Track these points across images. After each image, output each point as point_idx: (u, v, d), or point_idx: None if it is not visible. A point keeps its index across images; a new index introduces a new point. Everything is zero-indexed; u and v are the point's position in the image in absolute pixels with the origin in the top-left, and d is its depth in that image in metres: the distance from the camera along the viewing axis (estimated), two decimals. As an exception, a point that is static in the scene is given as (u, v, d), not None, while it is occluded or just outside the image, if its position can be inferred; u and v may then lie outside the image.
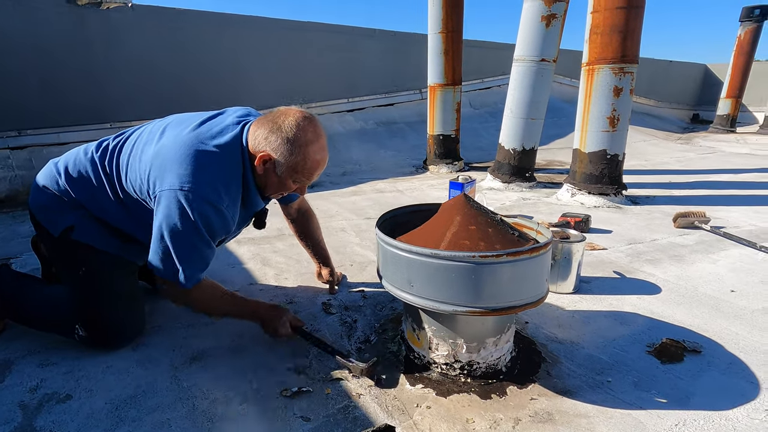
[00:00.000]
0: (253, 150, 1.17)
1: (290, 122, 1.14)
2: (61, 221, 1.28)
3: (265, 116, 1.20)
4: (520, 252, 0.99)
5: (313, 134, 1.15)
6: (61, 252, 1.31)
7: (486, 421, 1.03)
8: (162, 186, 1.11)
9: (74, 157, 1.31)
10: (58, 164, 1.32)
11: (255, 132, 1.17)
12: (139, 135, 1.28)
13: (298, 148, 1.14)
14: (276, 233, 2.42)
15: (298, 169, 1.17)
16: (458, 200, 1.18)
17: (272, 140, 1.14)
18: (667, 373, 1.20)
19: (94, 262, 1.29)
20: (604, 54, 2.81)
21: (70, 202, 1.28)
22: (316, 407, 1.07)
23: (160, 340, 1.37)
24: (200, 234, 1.13)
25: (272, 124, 1.15)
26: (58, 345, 1.32)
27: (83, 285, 1.28)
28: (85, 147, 1.34)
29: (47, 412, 1.06)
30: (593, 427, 1.00)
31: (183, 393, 1.13)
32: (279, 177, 1.19)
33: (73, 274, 1.29)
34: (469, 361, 1.15)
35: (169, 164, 1.12)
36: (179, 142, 1.15)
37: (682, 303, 1.60)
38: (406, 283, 1.07)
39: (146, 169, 1.16)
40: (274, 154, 1.15)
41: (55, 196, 1.29)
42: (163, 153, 1.15)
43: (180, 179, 1.10)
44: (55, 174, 1.30)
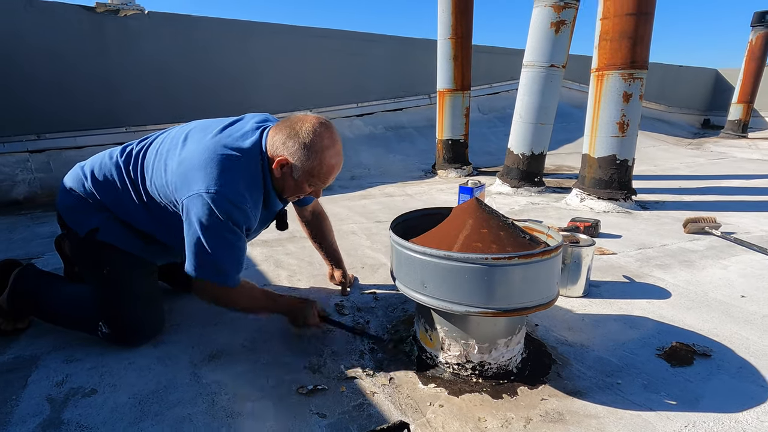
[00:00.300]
0: (272, 154, 1.22)
1: (307, 128, 1.18)
2: (87, 222, 1.33)
3: (282, 122, 1.24)
4: (532, 255, 1.02)
5: (329, 140, 1.20)
6: (86, 252, 1.36)
7: (497, 420, 1.05)
8: (190, 191, 1.16)
9: (100, 161, 1.36)
10: (84, 167, 1.38)
11: (273, 137, 1.22)
12: (162, 141, 1.33)
13: (314, 154, 1.18)
14: (288, 235, 2.46)
15: (314, 173, 1.21)
16: (470, 204, 1.21)
17: (290, 145, 1.19)
18: (677, 376, 1.21)
19: (118, 262, 1.34)
20: (614, 60, 2.83)
21: (95, 204, 1.34)
22: (332, 404, 1.10)
23: (179, 338, 1.41)
24: (232, 230, 1.18)
25: (290, 130, 1.20)
26: (82, 342, 1.37)
27: (107, 284, 1.33)
28: (110, 151, 1.39)
29: (74, 405, 1.11)
30: (603, 428, 1.02)
31: (203, 389, 1.17)
32: (296, 180, 1.23)
33: (97, 273, 1.34)
34: (480, 362, 1.18)
35: (194, 170, 1.17)
36: (202, 147, 1.19)
37: (692, 308, 1.61)
38: (420, 285, 1.10)
39: (172, 176, 1.21)
40: (291, 159, 1.19)
41: (81, 198, 1.34)
42: (188, 159, 1.20)
43: (205, 183, 1.14)
44: (81, 177, 1.35)
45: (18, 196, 3.53)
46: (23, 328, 1.45)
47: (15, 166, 3.63)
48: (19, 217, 3.04)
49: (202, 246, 1.17)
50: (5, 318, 1.41)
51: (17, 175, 3.60)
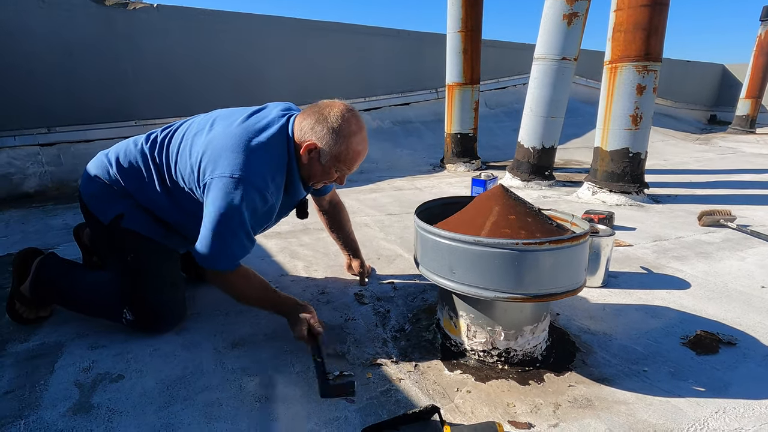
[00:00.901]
0: (299, 140, 1.22)
1: (336, 113, 1.19)
2: (111, 209, 1.33)
3: (310, 107, 1.25)
4: (563, 240, 1.02)
5: (356, 126, 1.21)
6: (110, 239, 1.36)
7: (526, 405, 1.05)
8: (213, 173, 1.16)
9: (124, 148, 1.37)
10: (108, 155, 1.38)
11: (301, 123, 1.23)
12: (187, 128, 1.33)
13: (342, 138, 1.19)
14: (302, 227, 2.47)
15: (341, 158, 1.22)
16: (497, 190, 1.20)
17: (318, 130, 1.19)
18: (703, 364, 1.21)
19: (142, 248, 1.34)
20: (628, 52, 2.81)
21: (119, 191, 1.34)
22: (359, 390, 1.11)
23: (202, 326, 1.42)
24: (243, 223, 1.18)
25: (318, 115, 1.20)
26: (106, 329, 1.37)
27: (131, 270, 1.33)
28: (134, 139, 1.40)
29: (102, 390, 1.11)
30: (634, 413, 1.02)
31: (229, 375, 1.17)
32: (323, 166, 1.24)
33: (121, 260, 1.34)
34: (506, 348, 1.18)
35: (221, 153, 1.17)
36: (230, 133, 1.20)
37: (712, 298, 1.61)
38: (448, 270, 1.09)
39: (197, 158, 1.21)
40: (319, 143, 1.20)
41: (105, 185, 1.35)
42: (215, 143, 1.20)
43: (231, 167, 1.14)
44: (106, 164, 1.36)
45: (29, 189, 3.54)
46: (46, 317, 1.46)
47: (26, 159, 3.64)
48: (31, 210, 3.05)
49: (208, 226, 1.18)
50: (28, 306, 1.42)
51: (28, 169, 3.61)
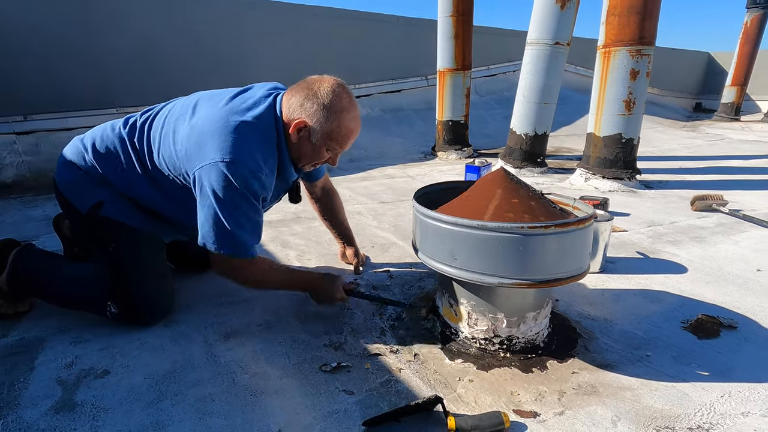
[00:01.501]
0: (288, 118, 1.16)
1: (326, 88, 1.13)
2: (89, 197, 1.26)
3: (298, 84, 1.19)
4: (568, 224, 0.98)
5: (348, 101, 1.15)
6: (90, 229, 1.29)
7: (530, 393, 1.02)
8: (203, 161, 1.10)
9: (101, 133, 1.29)
10: (84, 140, 1.30)
11: (289, 100, 1.16)
12: (169, 111, 1.26)
13: (333, 115, 1.13)
14: (292, 216, 2.41)
15: (333, 136, 1.16)
16: (498, 174, 1.16)
17: (308, 107, 1.13)
18: (705, 348, 1.20)
19: (124, 238, 1.27)
20: (622, 36, 2.78)
21: (97, 179, 1.26)
22: (358, 382, 1.07)
23: (191, 318, 1.36)
24: (249, 201, 1.13)
25: (307, 91, 1.14)
26: (89, 323, 1.31)
27: (114, 261, 1.27)
28: (111, 123, 1.32)
29: (86, 386, 1.05)
30: (639, 399, 1.00)
31: (221, 368, 1.12)
32: (313, 145, 1.18)
33: (103, 251, 1.28)
34: (508, 336, 1.15)
35: (207, 139, 1.10)
36: (214, 116, 1.13)
37: (710, 282, 1.60)
38: (449, 256, 1.05)
39: (183, 146, 1.15)
40: (309, 121, 1.14)
41: (82, 172, 1.27)
42: (199, 128, 1.13)
43: (220, 152, 1.08)
44: (81, 150, 1.28)
45: (6, 179, 3.40)
46: (25, 311, 1.38)
47: (2, 148, 3.49)
48: (9, 201, 2.93)
49: (218, 218, 1.12)
50: (6, 300, 1.34)
51: (5, 158, 3.46)
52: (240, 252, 1.16)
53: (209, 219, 1.13)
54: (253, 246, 1.18)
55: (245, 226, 1.15)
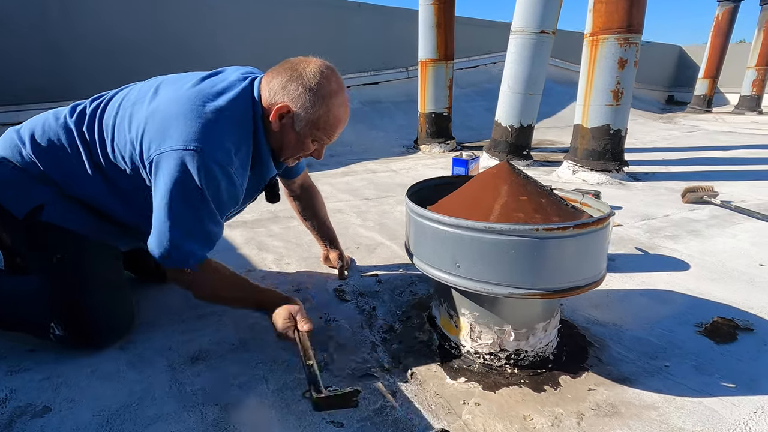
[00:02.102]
0: (268, 103, 1.02)
1: (312, 70, 1.00)
2: (27, 200, 1.06)
3: (279, 65, 1.04)
4: (587, 224, 0.86)
5: (337, 86, 1.02)
6: (29, 237, 1.09)
7: (545, 417, 0.90)
8: (161, 147, 0.93)
9: (42, 123, 1.09)
10: (20, 131, 1.10)
11: (270, 82, 1.02)
12: (125, 95, 1.08)
13: (320, 99, 1.00)
14: (270, 216, 2.23)
15: (320, 124, 1.02)
16: (502, 168, 1.03)
17: (291, 89, 0.99)
18: (726, 355, 1.10)
19: (71, 246, 1.09)
20: (610, 23, 2.70)
21: (38, 177, 1.07)
22: (348, 410, 0.92)
23: (153, 338, 1.18)
24: (206, 204, 0.97)
25: (291, 72, 1.00)
26: (30, 347, 1.12)
27: (58, 274, 1.08)
28: (54, 112, 1.12)
29: (20, 430, 0.87)
30: (666, 420, 0.89)
31: (187, 399, 0.96)
32: (297, 134, 1.04)
33: (44, 262, 1.08)
34: (516, 350, 1.02)
35: (170, 122, 0.94)
36: (180, 98, 0.96)
37: (715, 279, 1.52)
38: (451, 264, 0.92)
39: (139, 131, 0.97)
40: (293, 106, 1.00)
41: (17, 169, 1.07)
42: (161, 110, 0.96)
43: (184, 138, 0.92)
44: (17, 143, 1.08)
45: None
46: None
47: (-56, 145, 3.17)
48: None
49: (163, 214, 0.97)
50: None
51: (-53, 156, 3.14)
52: (180, 262, 1.01)
53: (156, 214, 0.98)
54: (199, 255, 1.03)
55: (195, 233, 1.00)
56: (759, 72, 8.04)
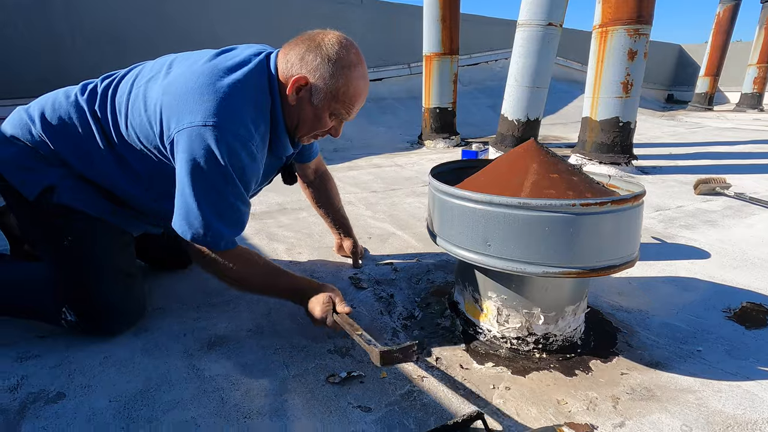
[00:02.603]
0: (285, 76, 0.98)
1: (331, 40, 0.96)
2: (38, 180, 1.02)
3: (296, 38, 1.00)
4: (624, 200, 0.83)
5: (356, 56, 0.97)
6: (39, 220, 1.06)
7: (580, 401, 0.87)
8: (180, 124, 0.90)
9: (52, 101, 1.05)
10: (29, 110, 1.06)
11: (287, 54, 0.98)
12: (137, 73, 1.04)
13: (340, 70, 0.95)
14: (277, 207, 2.20)
15: (339, 96, 0.97)
16: (530, 146, 1.00)
17: (309, 60, 0.95)
18: (758, 340, 1.07)
19: (83, 229, 1.05)
20: (619, 14, 2.67)
21: (48, 156, 1.03)
22: (374, 395, 0.89)
23: (167, 325, 1.15)
24: (231, 181, 0.93)
25: (309, 43, 0.96)
26: (40, 334, 1.08)
27: (70, 258, 1.04)
28: (65, 90, 1.09)
29: (34, 416, 0.84)
30: (705, 403, 0.86)
31: (206, 384, 0.92)
32: (315, 108, 0.99)
33: (55, 246, 1.05)
34: (545, 334, 0.99)
35: (187, 98, 0.90)
36: (195, 72, 0.93)
37: (737, 267, 1.49)
38: (481, 243, 0.88)
39: (156, 109, 0.94)
40: (311, 77, 0.96)
41: (27, 149, 1.03)
42: (177, 86, 0.93)
43: (203, 114, 0.88)
44: (27, 121, 1.04)
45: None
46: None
47: (-56, 138, 3.12)
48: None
49: (191, 199, 0.92)
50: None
51: (-53, 150, 3.10)
52: (212, 242, 0.96)
53: (180, 194, 0.94)
54: (229, 236, 0.98)
55: (224, 213, 0.95)
56: (760, 70, 8.04)
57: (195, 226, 0.94)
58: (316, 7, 5.12)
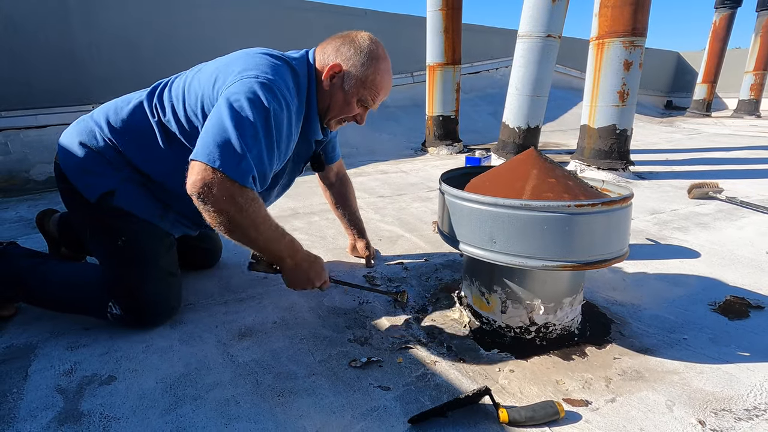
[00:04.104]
0: (322, 65, 1.13)
1: (363, 36, 1.13)
2: (101, 184, 1.12)
3: (332, 36, 1.16)
4: (614, 201, 0.94)
5: (383, 52, 1.14)
6: (98, 219, 1.16)
7: (576, 381, 0.97)
8: (232, 78, 1.00)
9: (114, 107, 1.16)
10: (94, 116, 1.16)
11: (324, 48, 1.14)
12: (188, 72, 1.16)
13: (370, 60, 1.11)
14: (290, 212, 2.31)
15: (367, 83, 1.12)
16: (530, 154, 1.11)
17: (344, 51, 1.11)
18: (739, 329, 1.18)
19: (136, 231, 1.15)
20: (615, 27, 2.80)
21: (112, 160, 1.13)
22: (392, 377, 1.00)
23: (199, 318, 1.26)
24: (270, 133, 0.98)
25: (344, 38, 1.13)
26: (84, 326, 1.19)
27: (122, 257, 1.15)
28: (125, 97, 1.18)
29: (91, 395, 0.95)
30: (687, 382, 0.96)
31: (241, 369, 1.03)
32: (345, 93, 1.13)
33: (110, 244, 1.15)
34: (545, 323, 1.09)
35: (240, 60, 1.06)
36: (247, 52, 1.09)
37: (725, 265, 1.60)
38: (487, 241, 0.99)
39: (207, 81, 1.06)
40: (345, 65, 1.11)
41: (93, 153, 1.13)
42: (227, 61, 1.08)
43: (255, 70, 1.00)
44: (93, 127, 1.15)
45: (-27, 181, 3.17)
46: (9, 316, 1.25)
47: (-33, 148, 3.25)
48: (-22, 203, 2.72)
49: (226, 125, 0.92)
50: (-13, 305, 1.21)
51: (-30, 158, 3.22)
52: (243, 171, 0.92)
53: (215, 127, 0.93)
54: (249, 171, 0.95)
55: (250, 145, 0.93)
56: (756, 76, 8.17)
57: (228, 152, 0.91)
58: (321, 18, 5.27)
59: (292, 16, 5.04)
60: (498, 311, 1.12)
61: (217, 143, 0.92)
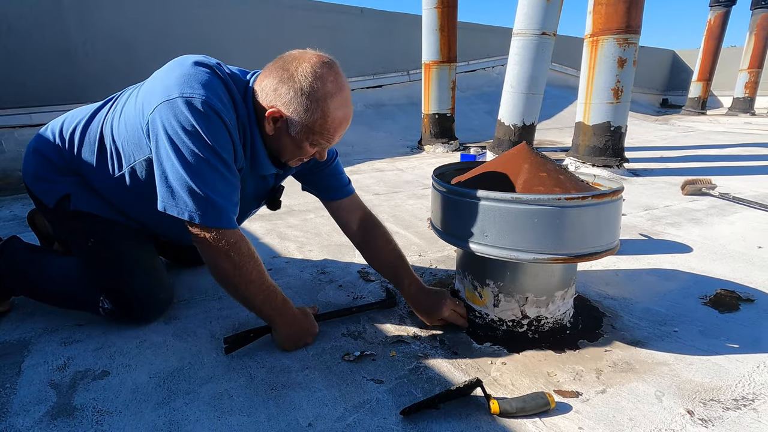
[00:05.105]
0: (262, 101, 0.95)
1: (305, 70, 0.90)
2: (54, 190, 1.12)
3: (273, 63, 0.96)
4: (604, 194, 0.94)
5: (333, 85, 0.91)
6: (63, 224, 1.16)
7: (567, 373, 0.98)
8: (156, 102, 0.90)
9: (72, 115, 1.15)
10: (54, 122, 1.16)
11: (262, 82, 0.95)
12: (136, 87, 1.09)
13: (315, 103, 0.90)
14: (286, 210, 2.31)
15: (315, 129, 0.94)
16: (522, 148, 1.12)
17: (282, 93, 0.91)
18: (729, 322, 1.19)
19: (102, 231, 1.14)
20: (609, 24, 2.81)
21: (63, 168, 1.12)
22: (385, 370, 1.00)
23: (194, 313, 1.26)
24: (216, 154, 0.90)
25: (282, 72, 0.92)
26: (79, 322, 1.20)
27: (96, 257, 1.15)
28: (88, 106, 1.16)
29: (84, 389, 0.95)
30: (677, 373, 0.97)
31: (234, 363, 1.03)
32: (293, 139, 0.96)
33: (82, 246, 1.15)
34: (537, 317, 1.10)
35: (161, 79, 0.94)
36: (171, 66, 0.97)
37: (716, 259, 1.61)
38: (479, 234, 1.00)
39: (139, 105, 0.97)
40: (285, 111, 0.92)
41: (45, 160, 1.13)
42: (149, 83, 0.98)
43: (178, 88, 0.89)
44: (49, 133, 1.14)
45: (-33, 179, 3.15)
46: (4, 311, 1.25)
47: (-39, 146, 3.24)
48: (-28, 202, 2.71)
49: (177, 171, 0.88)
50: (-17, 300, 1.21)
51: (-36, 157, 3.22)
52: (211, 216, 0.90)
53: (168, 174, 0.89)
54: (224, 210, 0.91)
55: (217, 185, 0.90)
56: (751, 74, 8.22)
57: (188, 203, 0.89)
58: (318, 17, 5.27)
59: (287, 14, 5.03)
60: (490, 305, 1.13)
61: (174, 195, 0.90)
